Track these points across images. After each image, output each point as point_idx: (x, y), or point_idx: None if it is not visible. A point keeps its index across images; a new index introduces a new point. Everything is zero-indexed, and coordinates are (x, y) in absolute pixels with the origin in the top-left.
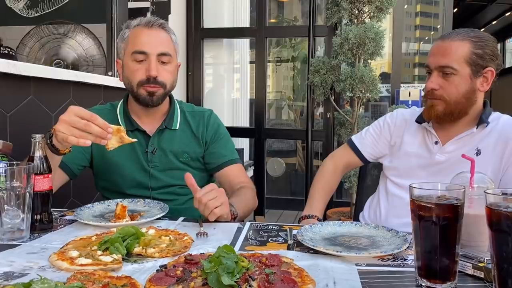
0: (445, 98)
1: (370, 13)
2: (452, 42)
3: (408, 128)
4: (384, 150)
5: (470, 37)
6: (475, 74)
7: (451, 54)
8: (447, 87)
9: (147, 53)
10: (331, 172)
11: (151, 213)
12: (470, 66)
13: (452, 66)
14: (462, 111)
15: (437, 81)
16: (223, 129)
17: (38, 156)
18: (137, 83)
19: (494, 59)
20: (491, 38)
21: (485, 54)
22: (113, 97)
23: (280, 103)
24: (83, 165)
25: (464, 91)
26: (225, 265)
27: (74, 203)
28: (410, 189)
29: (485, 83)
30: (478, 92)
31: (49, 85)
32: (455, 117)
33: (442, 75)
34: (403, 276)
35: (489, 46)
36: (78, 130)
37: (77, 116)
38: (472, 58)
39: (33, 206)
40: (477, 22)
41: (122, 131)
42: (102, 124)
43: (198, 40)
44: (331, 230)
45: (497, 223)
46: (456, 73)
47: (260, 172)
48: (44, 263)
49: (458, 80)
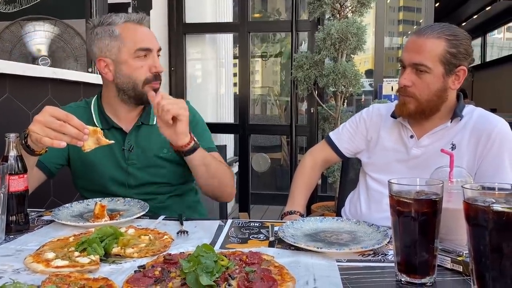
0: (417, 96)
1: (353, 7)
2: (427, 40)
3: (384, 123)
4: (361, 145)
5: (446, 35)
6: (447, 73)
7: (426, 52)
8: (419, 84)
9: (151, 49)
10: (310, 168)
11: (131, 212)
12: (444, 65)
13: (426, 64)
14: (433, 108)
15: (410, 78)
16: (198, 118)
17: (12, 156)
18: (143, 81)
19: (467, 57)
20: (466, 35)
21: (459, 53)
22: (93, 94)
23: (264, 98)
24: (61, 164)
25: (435, 90)
26: (204, 265)
27: (55, 203)
28: (389, 184)
29: (456, 81)
30: (450, 90)
31: (26, 83)
32: (426, 114)
33: (415, 72)
34: (383, 271)
35: (463, 45)
36: (53, 131)
37: (52, 116)
38: (446, 57)
39: (8, 207)
40: (459, 16)
41: (99, 132)
42: (78, 125)
43: (181, 35)
44: (312, 226)
45: (475, 218)
46: (430, 71)
47: (245, 167)
48: (19, 266)
49: (430, 78)
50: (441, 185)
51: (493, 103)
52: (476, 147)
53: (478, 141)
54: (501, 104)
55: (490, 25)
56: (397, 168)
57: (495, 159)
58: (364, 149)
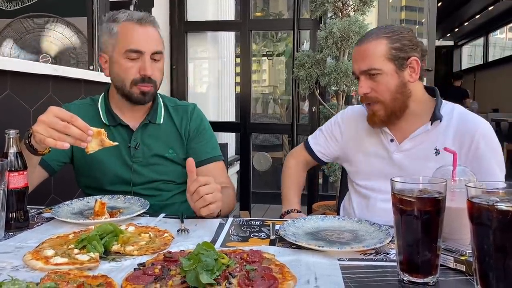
0: (381, 100)
1: (355, 6)
2: (368, 44)
3: (362, 127)
4: (335, 151)
5: (384, 33)
6: (400, 68)
7: (370, 56)
8: (377, 88)
9: (142, 52)
10: (294, 169)
11: (131, 210)
12: (393, 61)
13: (375, 67)
14: (402, 106)
15: (366, 85)
16: (206, 124)
17: (12, 153)
18: (131, 82)
19: (415, 48)
20: (406, 28)
21: (404, 46)
22: (94, 92)
23: (266, 97)
24: (63, 162)
25: (395, 87)
26: (204, 263)
27: (55, 200)
28: (392, 183)
29: (413, 73)
30: (409, 83)
31: (27, 80)
32: (398, 115)
33: (369, 77)
34: (385, 270)
35: (405, 37)
36: (57, 132)
37: (56, 117)
38: (392, 53)
39: (8, 203)
40: (461, 16)
41: (103, 134)
42: (83, 126)
43: (182, 34)
44: (314, 225)
45: (478, 217)
46: (381, 72)
47: (246, 166)
48: (18, 263)
49: (385, 78)
50: (445, 183)
51: (495, 103)
52: (460, 150)
53: (461, 144)
54: (503, 104)
55: (492, 25)
56: (382, 174)
57: (482, 161)
58: (340, 155)
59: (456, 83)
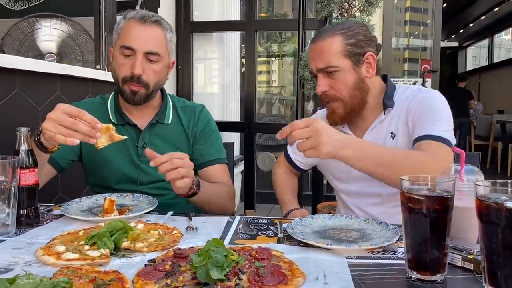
0: (339, 97)
1: (360, 6)
2: (323, 42)
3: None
4: (312, 159)
5: (338, 30)
6: (356, 64)
7: (326, 53)
8: (335, 85)
9: (134, 50)
10: (282, 176)
11: (139, 208)
12: (349, 58)
13: (331, 64)
14: (361, 102)
15: (324, 83)
16: (213, 125)
17: (23, 150)
18: (122, 79)
19: (370, 43)
20: (360, 24)
21: (358, 41)
22: (101, 91)
23: (271, 97)
24: (72, 159)
25: (353, 84)
26: (215, 259)
27: (62, 198)
28: (401, 181)
29: (370, 68)
30: (367, 79)
31: (35, 78)
32: (357, 111)
33: (327, 75)
34: (393, 268)
35: (360, 33)
36: (65, 129)
37: (64, 113)
38: (348, 49)
39: (19, 200)
40: (466, 17)
41: (112, 129)
42: (90, 120)
43: (188, 34)
44: (321, 224)
45: (487, 215)
46: (338, 69)
47: (251, 166)
48: (30, 258)
49: (343, 75)
50: (453, 182)
51: (500, 104)
52: (406, 123)
53: (407, 116)
54: (508, 105)
55: (498, 26)
56: (358, 174)
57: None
58: (318, 162)
59: (461, 84)
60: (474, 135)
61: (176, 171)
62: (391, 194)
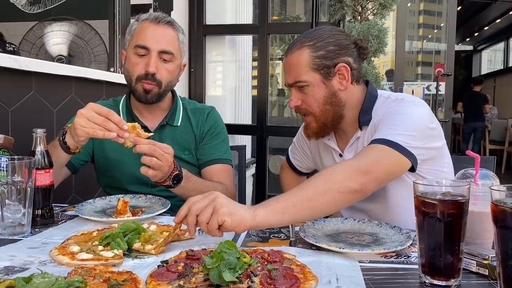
0: (311, 112)
1: (374, 10)
2: (291, 56)
3: (320, 141)
4: (310, 164)
5: (307, 42)
6: (326, 77)
7: (294, 68)
8: (306, 99)
9: (148, 49)
10: (290, 180)
11: (152, 209)
12: (318, 71)
13: (299, 79)
14: (335, 117)
15: (296, 97)
16: (220, 127)
17: (39, 151)
18: (136, 78)
19: (342, 52)
20: (331, 32)
21: (328, 53)
22: (115, 93)
23: (282, 100)
24: (85, 160)
25: (322, 98)
26: (227, 261)
27: (76, 199)
28: (415, 185)
29: (343, 80)
30: (340, 92)
31: (51, 80)
32: (330, 127)
33: (298, 89)
34: (407, 273)
35: (331, 43)
36: (97, 126)
37: (94, 111)
38: (316, 62)
39: (34, 201)
40: (481, 21)
41: (138, 127)
42: (118, 120)
43: (201, 37)
44: (333, 227)
45: (502, 220)
46: (307, 83)
47: (262, 169)
48: (45, 258)
49: (312, 89)
50: (468, 186)
51: None
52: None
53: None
54: None
55: None
56: None
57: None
58: (317, 168)
59: (476, 88)
60: (489, 140)
61: (149, 158)
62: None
